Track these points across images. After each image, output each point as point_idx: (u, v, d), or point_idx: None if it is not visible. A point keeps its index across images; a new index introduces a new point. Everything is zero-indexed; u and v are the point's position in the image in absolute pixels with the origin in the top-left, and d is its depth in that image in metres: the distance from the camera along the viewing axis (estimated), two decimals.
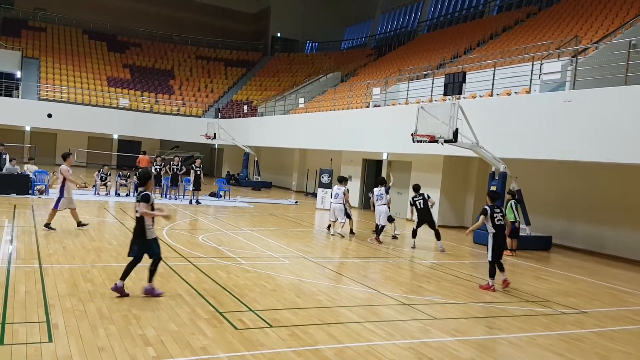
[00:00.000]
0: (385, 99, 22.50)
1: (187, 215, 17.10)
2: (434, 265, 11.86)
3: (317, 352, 5.84)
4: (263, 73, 44.62)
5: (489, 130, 14.67)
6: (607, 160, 12.46)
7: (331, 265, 10.99)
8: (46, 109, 32.85)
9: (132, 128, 35.32)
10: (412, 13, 40.84)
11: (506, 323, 7.65)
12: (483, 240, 15.18)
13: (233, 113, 37.20)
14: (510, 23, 27.34)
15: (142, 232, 7.32)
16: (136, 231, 7.39)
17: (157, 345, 5.64)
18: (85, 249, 10.40)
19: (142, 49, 44.96)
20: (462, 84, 13.86)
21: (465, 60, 24.11)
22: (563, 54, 16.52)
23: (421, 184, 19.84)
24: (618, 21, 18.99)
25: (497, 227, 9.51)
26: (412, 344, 6.41)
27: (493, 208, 9.60)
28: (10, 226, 12.31)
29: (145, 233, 7.31)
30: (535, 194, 16.24)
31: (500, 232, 9.57)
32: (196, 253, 10.91)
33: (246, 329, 6.43)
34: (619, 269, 13.32)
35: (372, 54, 38.51)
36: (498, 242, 9.53)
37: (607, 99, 12.39)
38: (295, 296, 8.18)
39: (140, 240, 7.36)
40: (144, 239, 7.34)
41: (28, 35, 40.29)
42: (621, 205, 14.89)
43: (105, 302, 7.00)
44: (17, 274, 8.12)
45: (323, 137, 24.31)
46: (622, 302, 9.67)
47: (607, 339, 7.24)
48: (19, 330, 5.81)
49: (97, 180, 20.68)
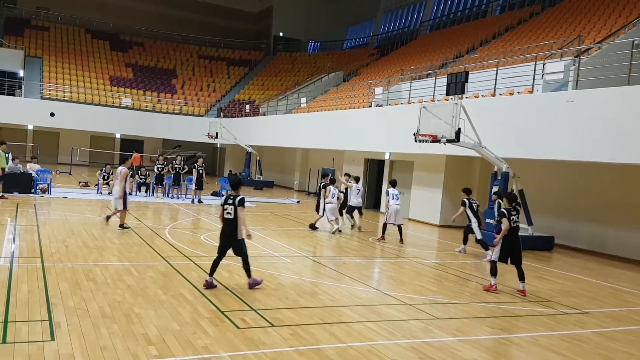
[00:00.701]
0: (388, 99, 22.48)
1: (189, 215, 17.11)
2: (436, 265, 11.86)
3: (319, 352, 5.85)
4: (265, 72, 44.62)
5: (492, 130, 14.66)
6: (610, 160, 12.43)
7: (333, 265, 10.99)
8: (49, 108, 32.89)
9: (135, 127, 35.35)
10: (415, 13, 40.80)
11: (508, 323, 7.65)
12: (488, 241, 15.22)
13: (235, 112, 37.21)
14: (513, 23, 27.30)
15: (234, 233, 7.98)
16: (227, 232, 8.03)
17: (159, 344, 5.65)
18: (88, 248, 10.42)
19: (144, 48, 45.00)
20: (465, 84, 13.86)
21: (467, 60, 24.08)
22: (566, 54, 16.48)
23: (423, 184, 19.79)
24: (621, 21, 18.94)
25: (511, 229, 9.40)
26: (414, 343, 6.41)
27: (510, 210, 9.55)
28: (13, 225, 12.34)
29: (237, 234, 7.98)
30: (538, 194, 16.22)
31: (513, 234, 9.45)
32: (198, 252, 10.92)
33: (248, 328, 6.43)
34: (621, 269, 13.31)
35: (374, 54, 38.48)
36: (508, 243, 9.42)
37: (610, 99, 12.36)
38: (297, 295, 8.18)
39: (231, 240, 8.03)
40: (236, 239, 8.00)
41: (31, 35, 40.33)
42: (624, 206, 14.86)
43: (107, 301, 7.01)
44: (20, 272, 8.15)
45: (325, 136, 24.31)
46: (624, 302, 9.65)
47: (609, 340, 7.23)
48: (21, 328, 5.82)
49: (100, 179, 20.73)
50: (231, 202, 8.01)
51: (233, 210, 7.97)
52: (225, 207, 8.06)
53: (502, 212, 9.55)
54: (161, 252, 10.65)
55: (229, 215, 8.00)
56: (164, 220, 16.02)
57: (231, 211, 7.97)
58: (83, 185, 22.79)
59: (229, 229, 8.03)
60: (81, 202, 17.92)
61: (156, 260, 9.92)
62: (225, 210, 8.05)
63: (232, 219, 8.00)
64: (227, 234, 8.07)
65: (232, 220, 8.00)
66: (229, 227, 8.03)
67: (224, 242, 8.14)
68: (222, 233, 8.17)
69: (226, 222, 8.07)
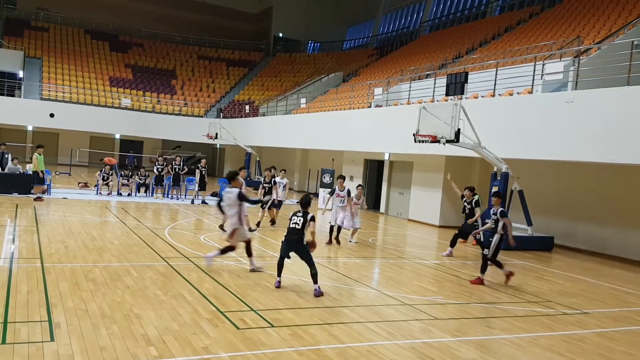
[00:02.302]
0: (387, 99, 22.49)
1: (189, 215, 17.11)
2: (436, 265, 11.86)
3: (319, 352, 5.84)
4: (265, 73, 44.62)
5: (491, 130, 14.66)
6: (610, 160, 12.44)
7: (333, 265, 11.00)
8: (48, 109, 32.89)
9: (134, 128, 35.35)
10: (414, 13, 40.82)
11: (508, 323, 7.65)
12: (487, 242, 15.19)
13: (235, 113, 37.21)
14: (513, 23, 27.30)
15: (301, 240, 8.44)
16: (294, 240, 8.46)
17: (158, 345, 5.65)
18: (87, 249, 10.42)
19: (144, 48, 45.00)
20: (464, 84, 13.84)
21: (467, 60, 24.08)
22: (565, 55, 16.49)
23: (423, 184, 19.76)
24: (620, 21, 18.95)
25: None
26: (414, 344, 6.41)
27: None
28: (13, 226, 12.33)
29: (303, 241, 8.47)
30: (537, 195, 16.22)
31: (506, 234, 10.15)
32: (198, 253, 10.91)
33: (248, 328, 6.43)
34: (620, 269, 13.31)
35: (374, 54, 38.49)
36: (502, 243, 10.06)
37: (610, 99, 12.37)
38: (297, 296, 8.18)
39: (297, 246, 8.46)
40: (302, 245, 8.44)
41: (30, 35, 40.32)
42: (623, 206, 14.87)
43: (107, 302, 7.01)
44: (19, 273, 8.14)
45: (325, 137, 24.31)
46: (624, 302, 9.66)
47: (609, 340, 7.23)
48: (21, 329, 5.82)
49: (99, 180, 20.72)
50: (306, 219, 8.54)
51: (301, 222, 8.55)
52: (295, 219, 8.61)
53: (503, 212, 10.21)
54: (161, 252, 10.65)
55: (296, 225, 8.51)
56: (163, 220, 16.02)
57: (307, 227, 8.52)
58: (82, 186, 22.79)
59: (295, 238, 8.50)
60: (81, 202, 17.91)
61: (156, 260, 9.91)
62: (293, 220, 8.61)
63: (298, 229, 8.50)
64: (293, 241, 8.53)
65: (298, 230, 8.52)
66: (295, 236, 8.50)
67: (291, 249, 8.63)
68: (289, 240, 8.62)
69: (293, 231, 8.55)
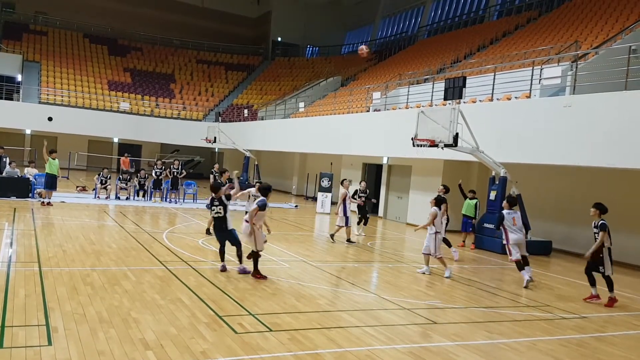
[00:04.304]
0: (386, 104, 22.52)
1: (187, 219, 17.08)
2: (434, 269, 11.84)
3: (317, 357, 5.83)
4: (263, 77, 44.65)
5: (489, 134, 14.68)
6: (608, 165, 12.46)
7: (331, 270, 10.98)
8: (47, 113, 32.87)
9: (133, 132, 35.32)
10: (413, 18, 40.90)
11: (506, 328, 7.64)
12: (485, 246, 15.21)
13: (233, 117, 37.23)
14: (511, 28, 27.37)
15: (226, 227, 9.69)
16: (222, 228, 9.63)
17: (156, 349, 5.63)
18: (85, 253, 10.39)
19: (142, 52, 45.02)
20: (462, 89, 13.90)
21: (465, 65, 24.13)
22: (563, 59, 16.53)
23: (421, 188, 19.76)
24: (618, 26, 19.02)
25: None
26: (412, 348, 6.40)
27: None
28: (10, 229, 12.30)
29: (227, 227, 9.61)
30: (535, 199, 16.22)
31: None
32: (196, 257, 10.90)
33: (246, 333, 6.42)
34: (619, 274, 13.25)
35: (372, 59, 38.55)
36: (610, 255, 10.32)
37: (607, 104, 12.40)
38: (295, 300, 8.16)
39: (224, 232, 9.65)
40: (227, 230, 9.64)
41: (29, 39, 40.33)
42: (621, 211, 14.84)
43: (105, 306, 6.99)
44: (17, 277, 8.12)
45: (323, 141, 24.32)
46: (622, 307, 9.64)
47: (608, 344, 7.22)
48: (18, 333, 5.80)
49: (97, 184, 20.69)
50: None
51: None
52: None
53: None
54: (159, 256, 10.63)
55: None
56: (161, 224, 16.00)
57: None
58: (81, 190, 22.74)
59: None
60: (78, 206, 17.88)
61: (154, 264, 9.89)
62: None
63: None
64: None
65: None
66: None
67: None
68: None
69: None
